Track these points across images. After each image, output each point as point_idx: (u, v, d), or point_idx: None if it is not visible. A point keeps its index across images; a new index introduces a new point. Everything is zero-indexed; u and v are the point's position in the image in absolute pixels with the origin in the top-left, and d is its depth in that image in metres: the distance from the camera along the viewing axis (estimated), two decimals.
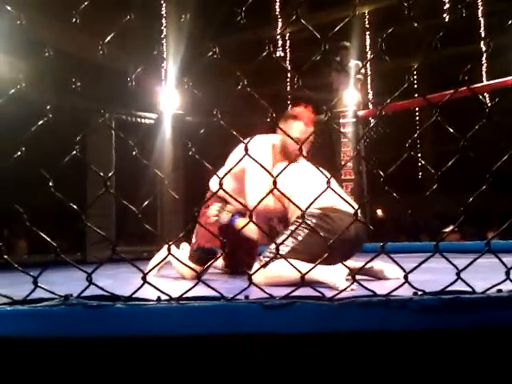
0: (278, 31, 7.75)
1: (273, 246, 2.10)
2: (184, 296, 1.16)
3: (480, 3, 7.89)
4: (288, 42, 8.74)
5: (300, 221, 2.06)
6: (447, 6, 7.28)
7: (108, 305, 1.11)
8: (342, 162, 5.41)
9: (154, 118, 5.63)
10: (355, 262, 2.24)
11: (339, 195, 1.62)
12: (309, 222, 2.06)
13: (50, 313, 1.11)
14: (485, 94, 6.47)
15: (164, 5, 6.34)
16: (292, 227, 2.14)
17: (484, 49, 7.64)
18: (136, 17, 1.27)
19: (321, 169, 1.57)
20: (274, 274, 1.93)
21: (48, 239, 1.21)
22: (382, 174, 1.20)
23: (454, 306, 1.12)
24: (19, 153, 1.16)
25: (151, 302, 1.15)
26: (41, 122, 1.15)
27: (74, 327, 1.10)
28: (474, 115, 1.42)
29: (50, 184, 1.12)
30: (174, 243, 1.29)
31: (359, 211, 1.61)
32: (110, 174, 1.09)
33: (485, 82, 6.72)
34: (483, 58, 7.85)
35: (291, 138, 1.54)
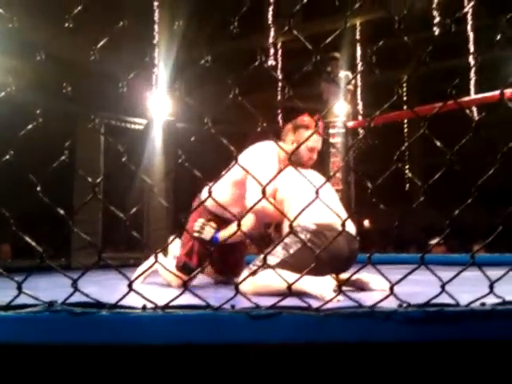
0: (271, 40, 7.80)
1: (262, 255, 2.08)
2: (170, 305, 1.15)
3: (470, 18, 8.01)
4: (280, 50, 8.80)
5: (294, 233, 2.06)
6: (437, 19, 7.38)
7: (93, 312, 1.11)
8: (331, 172, 5.44)
9: (143, 123, 5.61)
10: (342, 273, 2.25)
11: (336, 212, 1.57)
12: (303, 237, 2.04)
13: (34, 319, 1.10)
14: (473, 108, 6.57)
15: (157, 10, 6.36)
16: (286, 239, 2.10)
17: (472, 63, 7.75)
18: (128, 21, 1.27)
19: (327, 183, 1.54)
20: (263, 283, 1.92)
21: (34, 244, 1.20)
22: (369, 185, 1.21)
23: (438, 319, 1.13)
24: (7, 156, 1.15)
25: (136, 310, 1.14)
26: (30, 127, 1.14)
27: (58, 334, 1.09)
28: (465, 128, 1.44)
29: (38, 189, 1.11)
30: (160, 251, 1.28)
31: (354, 228, 1.61)
32: (98, 180, 1.08)
33: (472, 96, 6.82)
34: (471, 73, 7.96)
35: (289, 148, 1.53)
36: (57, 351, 1.12)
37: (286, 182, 2.30)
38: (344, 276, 2.10)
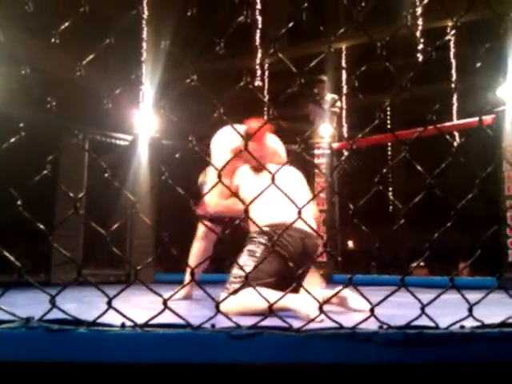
0: (257, 61, 7.90)
1: (235, 270, 2.10)
2: (149, 323, 1.14)
3: (452, 45, 8.24)
4: (267, 71, 8.90)
5: (253, 237, 2.17)
6: (421, 46, 7.58)
7: (70, 329, 1.09)
8: (315, 192, 5.47)
9: (129, 139, 5.60)
10: (323, 291, 2.25)
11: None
12: (261, 240, 2.11)
13: (10, 336, 1.08)
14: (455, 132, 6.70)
15: (144, 28, 6.41)
16: (249, 246, 2.15)
17: (453, 89, 7.94)
18: (115, 37, 1.28)
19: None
20: (248, 303, 1.91)
21: (12, 259, 1.18)
22: (351, 207, 1.22)
23: (418, 341, 1.13)
24: None
25: (115, 328, 1.13)
26: (12, 140, 1.13)
27: (34, 351, 1.07)
28: (448, 152, 1.48)
29: (19, 203, 1.09)
30: (142, 268, 1.27)
31: (313, 224, 1.60)
32: (80, 196, 1.07)
33: (454, 122, 6.97)
34: (453, 98, 8.15)
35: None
36: (33, 369, 1.09)
37: (246, 181, 2.40)
38: (325, 294, 2.10)
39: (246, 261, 2.08)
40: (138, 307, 2.38)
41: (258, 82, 8.14)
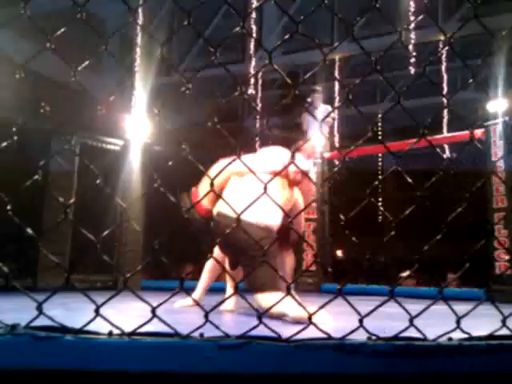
0: (252, 71, 7.93)
1: None
2: (137, 331, 1.13)
3: (444, 60, 8.34)
4: (261, 79, 8.94)
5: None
6: (413, 59, 7.67)
7: (57, 337, 1.07)
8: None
9: (120, 144, 5.58)
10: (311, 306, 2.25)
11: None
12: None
13: None
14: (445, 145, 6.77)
15: (138, 33, 6.41)
16: None
17: (445, 103, 8.04)
18: (107, 42, 1.27)
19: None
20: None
21: None
22: (342, 217, 1.22)
23: (406, 353, 1.13)
24: None
25: (102, 336, 1.11)
26: (4, 145, 1.12)
27: (20, 358, 1.05)
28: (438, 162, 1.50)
29: (8, 208, 1.08)
30: (131, 276, 1.26)
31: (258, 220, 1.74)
32: (70, 201, 1.06)
33: (444, 135, 7.05)
34: (444, 111, 8.24)
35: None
36: (19, 376, 1.07)
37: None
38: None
39: None
40: (126, 314, 2.36)
41: (251, 90, 8.17)
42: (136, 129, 5.75)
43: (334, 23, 8.72)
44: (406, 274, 6.16)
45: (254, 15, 7.50)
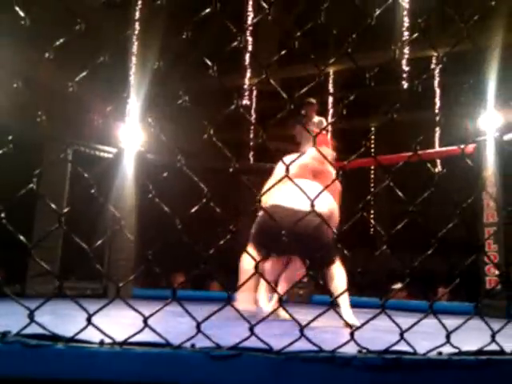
0: (247, 83, 7.97)
1: None
2: (129, 341, 1.13)
3: (436, 75, 8.44)
4: (255, 91, 8.98)
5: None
6: (406, 74, 7.76)
7: (48, 345, 1.07)
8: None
9: (113, 152, 5.57)
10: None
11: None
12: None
13: None
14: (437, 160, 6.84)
15: (134, 42, 6.43)
16: None
17: (437, 118, 8.11)
18: (103, 50, 1.29)
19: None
20: None
21: None
22: (334, 230, 1.23)
23: (396, 366, 1.14)
24: None
25: (94, 345, 1.11)
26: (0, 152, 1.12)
27: (10, 367, 1.04)
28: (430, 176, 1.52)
29: (2, 215, 1.08)
30: (124, 285, 1.26)
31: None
32: (64, 210, 1.06)
33: (436, 149, 7.11)
34: (436, 126, 8.33)
35: None
36: None
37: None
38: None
39: None
40: (117, 323, 2.34)
41: (246, 101, 8.20)
42: (130, 137, 5.74)
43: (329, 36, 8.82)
44: (397, 286, 6.16)
45: (250, 27, 7.55)
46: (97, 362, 1.08)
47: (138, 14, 6.54)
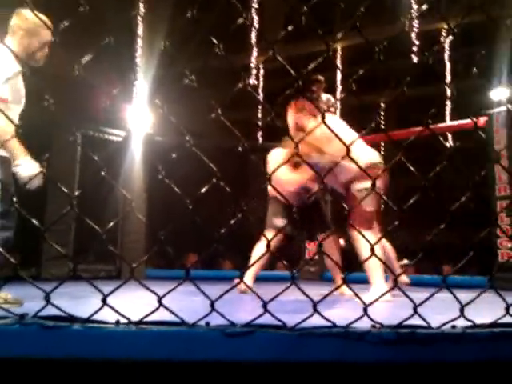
0: (253, 61, 7.88)
1: None
2: (144, 320, 1.14)
3: (447, 48, 8.28)
4: (262, 69, 8.88)
5: None
6: (416, 48, 7.61)
7: (65, 326, 1.09)
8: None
9: (122, 135, 5.57)
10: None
11: None
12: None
13: (5, 332, 1.08)
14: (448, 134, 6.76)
15: (139, 23, 6.36)
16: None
17: (449, 92, 7.98)
18: (109, 32, 1.27)
19: None
20: None
21: (5, 254, 1.18)
22: (345, 206, 1.23)
23: (410, 340, 1.15)
24: None
25: (110, 325, 1.13)
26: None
27: (29, 348, 1.07)
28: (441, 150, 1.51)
29: (14, 199, 1.09)
30: (137, 266, 1.27)
31: None
32: (76, 194, 1.07)
33: (447, 123, 7.01)
34: (447, 100, 8.19)
35: None
36: (28, 365, 1.09)
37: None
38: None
39: None
40: (132, 303, 2.37)
41: (253, 81, 8.12)
42: (138, 119, 5.74)
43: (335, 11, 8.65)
44: (404, 262, 6.16)
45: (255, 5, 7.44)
46: (113, 341, 1.10)
47: None
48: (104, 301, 1.14)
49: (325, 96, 5.46)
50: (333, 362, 1.15)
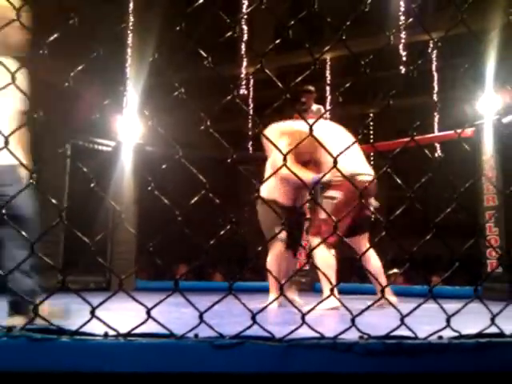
0: (243, 72, 7.93)
1: None
2: (132, 332, 1.14)
3: (434, 59, 8.41)
4: (254, 79, 8.94)
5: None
6: (403, 58, 7.72)
7: (53, 338, 1.08)
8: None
9: (112, 145, 5.57)
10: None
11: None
12: None
13: None
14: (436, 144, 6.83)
15: (129, 34, 6.39)
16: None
17: (436, 101, 8.08)
18: (99, 43, 1.28)
19: None
20: None
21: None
22: (334, 219, 1.24)
23: (397, 351, 1.15)
24: None
25: (98, 338, 1.12)
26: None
27: (16, 360, 1.06)
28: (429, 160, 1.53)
29: (3, 212, 1.09)
30: (126, 278, 1.27)
31: None
32: (65, 205, 1.07)
33: (434, 134, 7.10)
34: (434, 111, 8.30)
35: None
36: (15, 378, 1.08)
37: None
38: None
39: None
40: (120, 315, 2.36)
41: (243, 91, 8.18)
42: (128, 129, 5.74)
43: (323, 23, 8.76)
44: (394, 271, 6.20)
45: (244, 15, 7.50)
46: (101, 354, 1.09)
47: (132, 6, 6.49)
48: (92, 313, 1.14)
49: (315, 106, 5.50)
50: (321, 373, 1.15)
